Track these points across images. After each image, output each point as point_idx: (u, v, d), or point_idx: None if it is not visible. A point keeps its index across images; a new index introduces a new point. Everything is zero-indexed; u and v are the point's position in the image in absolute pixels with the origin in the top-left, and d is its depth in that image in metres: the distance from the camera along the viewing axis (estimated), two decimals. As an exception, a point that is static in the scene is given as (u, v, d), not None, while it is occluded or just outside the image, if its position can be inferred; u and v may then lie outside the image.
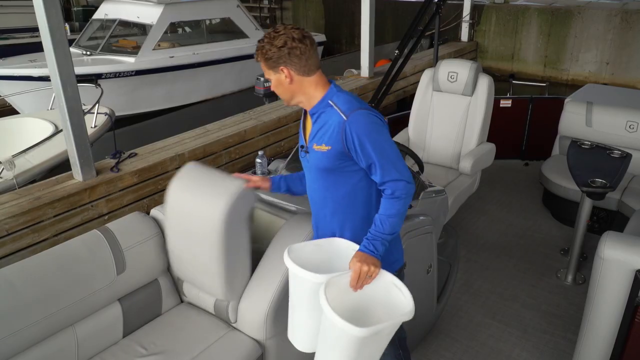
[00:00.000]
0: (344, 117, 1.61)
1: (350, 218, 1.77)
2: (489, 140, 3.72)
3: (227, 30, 8.83)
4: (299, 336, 1.79)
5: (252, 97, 6.95)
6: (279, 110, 5.41)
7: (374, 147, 1.60)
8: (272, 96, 6.54)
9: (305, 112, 1.77)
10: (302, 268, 1.61)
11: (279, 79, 1.68)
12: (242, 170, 4.35)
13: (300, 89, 1.69)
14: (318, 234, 1.89)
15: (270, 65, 1.67)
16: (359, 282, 1.60)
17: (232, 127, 4.87)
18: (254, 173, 3.27)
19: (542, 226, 3.85)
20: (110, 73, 7.34)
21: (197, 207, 1.97)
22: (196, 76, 8.16)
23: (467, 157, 3.43)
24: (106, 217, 3.38)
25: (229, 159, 4.66)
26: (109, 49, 7.92)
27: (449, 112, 3.71)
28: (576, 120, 3.96)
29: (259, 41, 1.69)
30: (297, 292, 1.71)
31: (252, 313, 2.04)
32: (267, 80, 6.61)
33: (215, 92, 8.53)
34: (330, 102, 1.68)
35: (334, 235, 1.81)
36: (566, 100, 4.14)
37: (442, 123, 3.74)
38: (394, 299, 1.61)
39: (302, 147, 1.78)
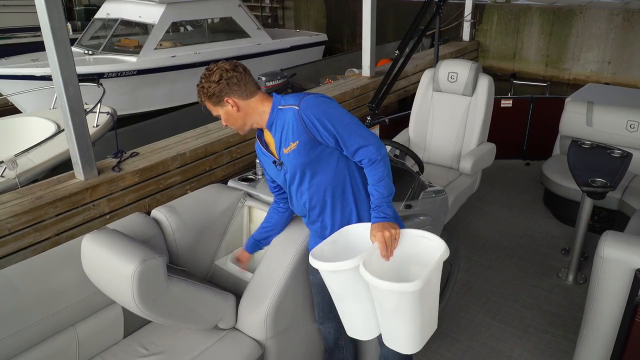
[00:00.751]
0: (296, 107, 1.69)
1: (348, 198, 1.82)
2: (490, 140, 3.72)
3: (228, 29, 8.84)
4: (358, 327, 1.82)
5: None
6: None
7: (333, 122, 1.66)
8: (273, 96, 6.54)
9: (261, 132, 1.84)
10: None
11: (227, 112, 1.76)
12: (243, 170, 4.34)
13: (249, 111, 1.76)
14: (314, 228, 1.93)
15: (215, 102, 1.75)
16: (388, 248, 1.66)
17: None
18: (255, 173, 3.29)
19: (543, 226, 3.85)
20: (112, 72, 7.35)
21: (112, 295, 1.92)
22: (197, 76, 8.06)
23: (468, 157, 3.43)
24: (108, 216, 3.39)
25: (230, 158, 4.63)
26: (110, 49, 7.93)
27: (449, 112, 3.71)
28: (577, 119, 3.96)
29: (197, 85, 1.79)
30: (339, 288, 1.73)
31: (252, 313, 2.04)
32: (268, 80, 6.64)
33: None
34: (279, 106, 1.75)
35: (345, 225, 1.84)
36: (567, 100, 4.14)
37: (442, 123, 3.74)
38: (425, 250, 1.68)
39: (274, 162, 1.81)
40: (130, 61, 7.60)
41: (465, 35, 9.25)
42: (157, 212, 2.30)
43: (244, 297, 2.09)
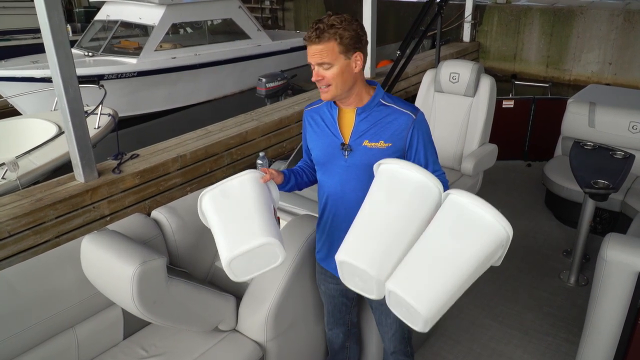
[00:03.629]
0: (413, 116, 1.64)
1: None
2: (491, 141, 3.71)
3: (228, 31, 8.85)
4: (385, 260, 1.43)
5: (253, 98, 6.95)
6: (281, 111, 5.40)
7: (432, 149, 1.70)
8: (273, 97, 6.55)
9: (339, 108, 1.71)
10: None
11: (347, 66, 1.59)
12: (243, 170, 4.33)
13: (359, 81, 1.65)
14: (338, 235, 1.73)
15: (342, 49, 1.57)
16: None
17: (234, 128, 4.84)
18: None
19: (545, 227, 3.84)
20: (112, 74, 7.35)
21: (112, 297, 1.89)
22: (198, 77, 8.17)
23: (469, 158, 3.41)
24: (108, 218, 3.39)
25: (230, 160, 4.64)
26: (110, 50, 7.95)
27: (451, 113, 3.70)
28: (579, 121, 3.94)
29: (322, 22, 1.57)
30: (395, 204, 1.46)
31: (253, 315, 2.02)
32: (268, 81, 6.65)
33: (217, 93, 8.57)
34: (382, 100, 1.68)
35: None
36: (569, 101, 4.12)
37: (444, 124, 3.73)
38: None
39: (342, 145, 1.69)
40: (130, 63, 7.61)
41: (466, 36, 9.27)
42: (157, 213, 2.28)
43: (245, 298, 2.07)
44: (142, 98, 7.81)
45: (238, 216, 1.55)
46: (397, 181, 1.47)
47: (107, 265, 1.78)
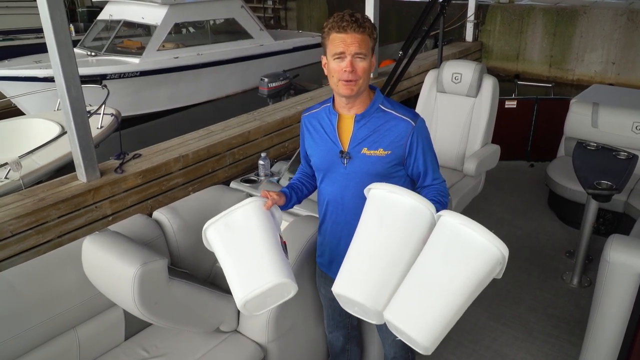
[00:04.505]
0: (412, 123, 1.61)
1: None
2: (494, 141, 3.69)
3: (231, 30, 8.84)
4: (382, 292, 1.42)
5: (255, 97, 6.93)
6: (283, 110, 5.38)
7: (432, 156, 1.68)
8: (275, 97, 6.54)
9: (338, 115, 1.67)
10: None
11: (371, 63, 1.59)
12: (246, 171, 4.33)
13: (368, 81, 1.61)
14: (338, 242, 1.77)
15: (372, 45, 1.57)
16: None
17: (236, 128, 4.80)
18: (257, 175, 3.29)
19: (548, 228, 3.82)
20: (115, 74, 7.36)
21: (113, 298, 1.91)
22: (200, 77, 8.16)
23: (472, 158, 3.40)
24: (110, 218, 3.38)
25: (233, 159, 4.61)
26: (113, 50, 7.95)
27: (453, 114, 3.69)
28: (582, 121, 3.92)
29: (362, 17, 1.55)
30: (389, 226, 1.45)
31: (254, 316, 1.99)
32: (271, 81, 6.63)
33: (219, 93, 8.56)
34: (381, 106, 1.65)
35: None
36: (572, 101, 4.10)
37: (446, 124, 3.72)
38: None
39: (341, 152, 1.66)
40: (133, 62, 7.61)
41: (469, 35, 9.23)
42: (158, 214, 2.28)
43: None
44: (145, 98, 7.81)
45: (246, 253, 1.53)
46: (388, 207, 1.46)
47: (108, 266, 1.78)
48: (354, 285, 1.44)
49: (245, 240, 1.53)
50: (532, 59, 9.37)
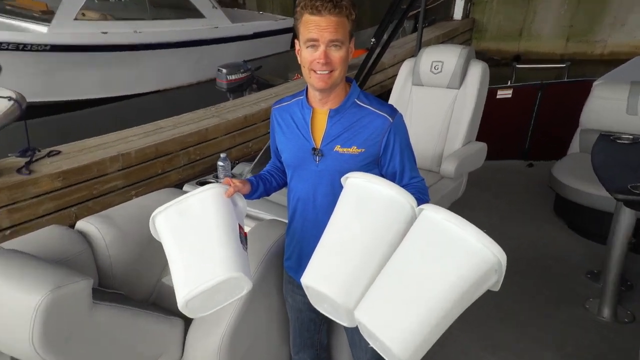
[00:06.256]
0: (390, 120, 1.53)
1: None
2: (481, 138, 3.18)
3: (177, 5, 7.68)
4: (354, 289, 1.31)
5: (213, 91, 6.08)
6: (245, 107, 5.01)
7: (410, 155, 1.60)
8: (236, 91, 5.81)
9: (312, 109, 1.58)
10: None
11: (349, 51, 1.48)
12: (203, 173, 3.98)
13: (344, 72, 1.50)
14: (308, 242, 1.63)
15: (349, 29, 1.45)
16: None
17: (191, 124, 4.44)
18: (216, 177, 2.91)
19: (556, 239, 3.28)
20: (8, 43, 5.88)
21: None
22: (140, 61, 7.01)
23: (450, 158, 2.95)
24: (7, 232, 2.66)
25: (188, 160, 4.21)
26: (3, 10, 6.43)
27: (431, 108, 3.22)
28: (610, 107, 3.33)
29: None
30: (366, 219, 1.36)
31: (205, 338, 1.74)
32: (230, 73, 5.89)
33: (168, 84, 7.50)
34: (357, 100, 1.57)
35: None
36: (595, 83, 3.51)
37: (422, 121, 3.23)
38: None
39: (314, 150, 1.58)
40: (38, 31, 6.20)
41: (458, 13, 8.00)
42: (84, 224, 1.93)
43: (196, 320, 1.76)
44: (63, 81, 6.50)
45: (198, 244, 1.40)
46: (365, 197, 1.39)
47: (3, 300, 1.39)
48: (324, 276, 1.35)
49: (198, 230, 1.41)
50: (542, 34, 7.75)
